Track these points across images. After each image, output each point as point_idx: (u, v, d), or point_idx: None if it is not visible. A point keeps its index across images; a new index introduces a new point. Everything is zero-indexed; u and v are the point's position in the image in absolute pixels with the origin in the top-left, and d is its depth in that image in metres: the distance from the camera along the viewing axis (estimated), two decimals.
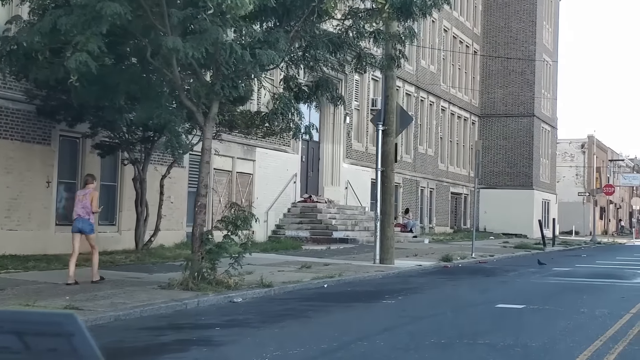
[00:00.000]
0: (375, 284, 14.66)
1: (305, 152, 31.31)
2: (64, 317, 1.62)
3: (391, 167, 19.70)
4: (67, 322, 1.61)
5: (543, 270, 19.54)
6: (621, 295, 13.15)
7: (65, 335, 1.60)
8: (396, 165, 39.38)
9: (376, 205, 19.80)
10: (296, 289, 13.25)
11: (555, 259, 26.21)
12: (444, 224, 44.74)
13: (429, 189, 42.76)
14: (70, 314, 1.64)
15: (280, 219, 28.14)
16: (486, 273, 17.94)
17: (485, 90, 50.14)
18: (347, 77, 33.14)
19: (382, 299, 11.79)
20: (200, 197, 12.44)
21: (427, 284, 14.90)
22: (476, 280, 15.95)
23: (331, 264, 18.29)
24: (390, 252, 19.43)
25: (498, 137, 50.02)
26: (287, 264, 17.93)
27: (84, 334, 1.60)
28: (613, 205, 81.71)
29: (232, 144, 24.90)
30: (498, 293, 13.13)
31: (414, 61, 40.34)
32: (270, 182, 27.24)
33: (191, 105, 12.27)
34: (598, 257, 28.31)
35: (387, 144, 19.62)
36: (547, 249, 32.87)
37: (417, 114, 40.74)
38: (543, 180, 52.32)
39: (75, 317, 1.62)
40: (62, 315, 1.65)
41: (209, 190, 24.34)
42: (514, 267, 20.99)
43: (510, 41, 49.88)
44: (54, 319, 1.67)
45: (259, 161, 26.62)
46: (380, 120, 19.69)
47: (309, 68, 13.89)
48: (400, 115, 19.95)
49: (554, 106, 55.68)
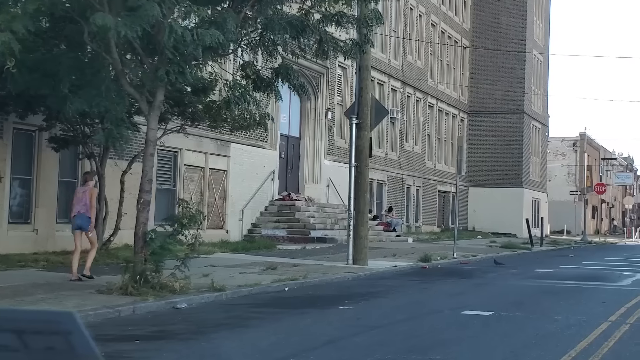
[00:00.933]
0: (340, 287, 13.67)
1: (284, 148, 30.30)
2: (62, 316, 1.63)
3: (365, 162, 18.71)
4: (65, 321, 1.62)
5: (524, 272, 18.57)
6: (602, 300, 12.18)
7: (63, 334, 1.60)
8: (382, 163, 38.65)
9: (349, 202, 18.81)
10: (252, 292, 12.25)
11: (540, 259, 25.26)
12: (431, 223, 43.76)
13: (416, 187, 41.78)
14: (69, 313, 1.64)
15: (257, 217, 27.13)
16: (463, 274, 16.96)
17: (475, 87, 49.19)
18: (329, 71, 32.15)
19: (341, 304, 10.80)
20: (144, 194, 11.42)
21: (396, 287, 13.91)
22: (450, 283, 14.96)
23: (300, 265, 17.30)
24: (364, 252, 18.44)
25: (487, 135, 49.09)
26: (254, 265, 16.93)
27: (82, 333, 1.60)
28: (606, 204, 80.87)
29: (204, 139, 23.87)
30: (469, 297, 12.15)
31: (400, 56, 39.36)
32: (246, 179, 26.23)
33: (134, 92, 11.26)
34: (586, 257, 27.37)
35: (361, 138, 18.63)
36: (534, 249, 31.92)
37: (403, 110, 39.77)
38: (533, 179, 51.40)
39: (73, 316, 1.62)
40: (60, 313, 1.66)
41: (179, 187, 23.37)
42: (495, 268, 20.02)
43: (500, 37, 48.93)
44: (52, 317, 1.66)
45: (234, 157, 25.59)
46: (354, 113, 18.70)
47: (267, 54, 12.83)
48: (375, 108, 18.96)
49: (544, 103, 54.77)
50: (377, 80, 36.70)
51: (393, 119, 38.47)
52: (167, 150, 22.53)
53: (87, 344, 1.60)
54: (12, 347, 1.61)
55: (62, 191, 19.29)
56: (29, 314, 1.73)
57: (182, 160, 23.16)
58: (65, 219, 19.47)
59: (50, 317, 1.67)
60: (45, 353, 1.60)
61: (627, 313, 10.40)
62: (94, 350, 1.60)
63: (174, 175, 22.98)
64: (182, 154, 23.13)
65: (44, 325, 1.63)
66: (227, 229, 25.27)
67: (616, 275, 17.25)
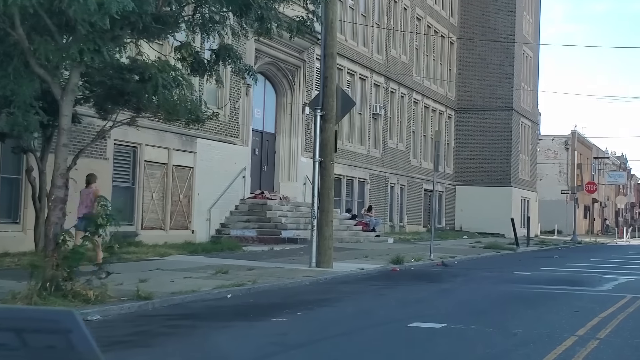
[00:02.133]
0: (290, 293, 12.39)
1: (258, 145, 29.00)
2: (62, 315, 1.63)
3: (330, 157, 17.43)
4: (65, 320, 1.61)
5: (500, 275, 17.31)
6: (576, 308, 10.90)
7: (63, 333, 1.59)
8: (363, 160, 37.33)
9: (312, 200, 17.52)
10: (185, 301, 10.96)
11: (522, 261, 24.00)
12: (416, 223, 42.48)
13: (400, 186, 40.50)
14: (69, 311, 1.63)
15: (227, 217, 25.82)
16: (432, 278, 15.70)
17: (462, 83, 47.93)
18: (307, 64, 30.86)
19: (277, 315, 9.51)
20: (56, 189, 10.08)
21: (352, 293, 12.63)
22: (414, 288, 13.69)
23: (258, 269, 16.03)
24: (328, 254, 17.15)
25: (475, 132, 47.84)
26: (206, 268, 15.65)
27: (82, 331, 1.60)
28: (598, 203, 79.68)
29: (167, 133, 22.58)
30: (426, 306, 10.87)
31: (383, 50, 38.07)
32: (215, 177, 24.92)
33: (44, 73, 9.95)
34: (571, 258, 26.12)
35: (326, 131, 17.34)
36: (519, 249, 30.69)
37: (386, 106, 38.49)
38: (522, 178, 50.15)
39: (73, 315, 1.62)
40: (60, 312, 1.65)
41: (138, 185, 22.03)
42: (470, 270, 18.76)
43: (488, 32, 47.69)
44: (52, 316, 1.66)
45: (201, 153, 24.28)
46: (319, 104, 17.42)
47: (205, 33, 11.50)
48: (342, 99, 17.66)
49: (534, 100, 53.52)
50: (359, 74, 35.44)
51: (376, 115, 37.21)
52: (126, 145, 21.24)
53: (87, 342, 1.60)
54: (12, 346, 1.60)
55: (4, 188, 17.99)
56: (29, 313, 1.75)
57: (142, 156, 21.84)
58: (8, 219, 18.21)
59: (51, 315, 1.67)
60: (46, 351, 1.60)
61: (600, 325, 9.14)
62: (94, 348, 1.59)
63: (133, 172, 21.66)
64: (142, 150, 21.81)
65: (44, 324, 1.62)
66: (192, 229, 23.97)
67: (597, 279, 15.97)
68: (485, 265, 21.21)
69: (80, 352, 1.60)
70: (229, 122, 26.03)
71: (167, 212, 22.77)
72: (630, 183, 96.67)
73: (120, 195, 21.07)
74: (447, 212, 47.22)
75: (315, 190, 17.44)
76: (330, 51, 17.28)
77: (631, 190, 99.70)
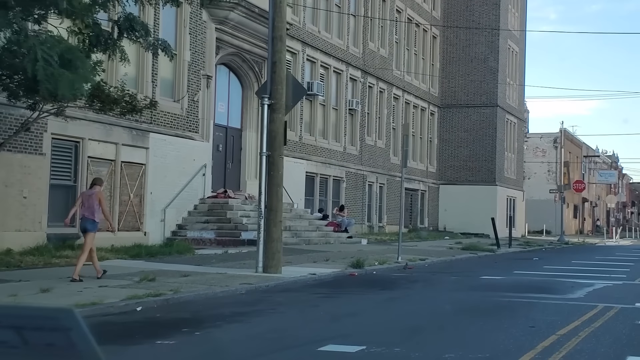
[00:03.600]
0: (211, 305, 10.80)
1: (222, 141, 27.38)
2: (62, 312, 1.62)
3: (279, 151, 15.85)
4: (65, 317, 1.61)
5: (467, 280, 15.76)
6: (533, 322, 9.32)
7: (63, 330, 1.59)
8: (339, 158, 35.69)
9: (259, 198, 15.94)
10: (82, 315, 9.30)
11: (498, 264, 22.47)
12: (396, 223, 40.75)
13: (379, 184, 38.91)
14: (69, 309, 1.63)
15: (184, 217, 24.20)
16: (387, 285, 14.12)
17: (446, 79, 46.40)
18: None
19: (170, 335, 7.94)
20: None
21: (283, 304, 11.05)
22: (358, 297, 12.11)
23: (194, 275, 14.48)
24: (277, 258, 15.56)
25: (459, 129, 46.33)
26: (136, 274, 14.08)
27: (82, 329, 1.59)
28: (589, 203, 78.22)
29: (115, 127, 20.97)
30: (357, 321, 9.28)
31: (360, 43, 36.49)
32: (171, 174, 23.30)
33: None
34: (551, 260, 24.59)
35: (274, 121, 15.77)
36: (500, 251, 29.18)
37: (364, 102, 36.92)
38: (508, 176, 48.63)
39: (73, 312, 1.61)
40: (60, 310, 1.64)
41: (81, 183, 20.40)
42: (435, 274, 17.20)
43: (472, 25, 46.15)
44: (51, 314, 1.65)
45: (155, 149, 22.66)
46: (267, 92, 15.83)
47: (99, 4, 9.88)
48: (292, 87, 16.07)
49: (521, 97, 52.01)
50: (334, 67, 33.87)
51: (352, 110, 35.65)
52: (66, 139, 19.60)
53: (87, 340, 1.59)
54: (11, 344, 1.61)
55: None
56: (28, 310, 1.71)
57: (86, 151, 20.20)
58: None
59: (50, 313, 1.65)
60: (45, 349, 1.60)
61: (554, 346, 7.57)
62: (94, 347, 1.58)
63: (75, 169, 20.01)
64: (86, 145, 20.17)
65: (43, 321, 1.61)
66: (145, 231, 22.34)
67: (569, 285, 14.38)
68: (456, 269, 19.67)
69: (80, 351, 1.57)
70: (187, 116, 24.42)
71: (115, 213, 21.13)
72: (621, 182, 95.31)
73: (60, 195, 19.48)
74: (430, 211, 45.67)
75: (263, 188, 15.87)
76: (278, 34, 15.68)
77: (623, 189, 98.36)
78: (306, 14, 31.60)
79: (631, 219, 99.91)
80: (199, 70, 24.87)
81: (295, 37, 30.65)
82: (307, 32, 31.62)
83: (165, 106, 23.23)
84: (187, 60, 24.29)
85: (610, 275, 17.84)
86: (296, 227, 26.60)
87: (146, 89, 22.41)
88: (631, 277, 17.72)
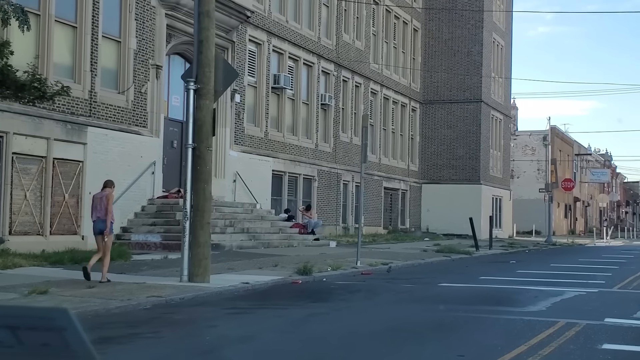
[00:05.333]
0: (89, 325, 8.85)
1: (177, 136, 25.44)
2: (57, 312, 1.61)
3: (207, 142, 13.94)
4: (59, 317, 1.58)
5: (422, 288, 13.86)
6: (464, 349, 7.41)
7: (58, 330, 1.57)
8: (310, 155, 33.71)
9: (185, 197, 14.02)
10: None
11: (469, 268, 20.60)
12: (375, 224, 38.99)
13: (355, 184, 36.93)
14: (63, 309, 1.61)
15: (130, 219, 22.26)
16: (323, 296, 12.22)
17: (428, 73, 44.53)
18: (236, 45, 27.34)
19: None
20: None
21: (176, 324, 9.17)
22: (276, 313, 10.19)
23: (105, 285, 12.62)
24: (204, 265, 13.64)
25: (442, 126, 44.45)
26: (38, 284, 12.15)
27: (76, 329, 1.58)
28: (581, 202, 76.36)
29: (46, 120, 19.04)
30: (246, 350, 7.35)
31: (333, 34, 34.59)
32: (113, 172, 21.24)
33: None
34: (528, 264, 22.72)
35: (201, 109, 13.85)
36: (477, 253, 27.28)
37: (338, 96, 35.01)
38: (494, 175, 46.76)
39: (67, 312, 1.59)
40: (54, 310, 1.62)
41: (5, 182, 18.48)
42: (390, 281, 15.31)
43: (455, 18, 44.31)
44: (46, 313, 1.62)
45: (94, 145, 20.73)
46: (192, 76, 13.91)
47: None
48: (223, 70, 14.15)
49: (507, 92, 50.14)
50: (304, 60, 31.94)
51: (325, 105, 33.74)
52: None
53: (82, 340, 1.58)
54: (6, 343, 1.61)
55: None
56: (22, 310, 1.68)
57: (10, 147, 18.25)
58: None
59: (44, 313, 1.63)
60: (40, 349, 1.60)
61: None
62: (88, 346, 1.58)
63: None
64: (10, 140, 18.22)
65: (38, 321, 1.60)
66: (83, 234, 20.39)
67: (533, 295, 12.44)
68: (418, 274, 17.78)
69: (74, 350, 1.54)
70: (134, 109, 22.48)
71: (47, 215, 19.21)
72: (615, 181, 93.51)
73: None
74: (412, 212, 43.77)
75: (188, 185, 13.96)
76: (205, 8, 13.77)
77: (617, 188, 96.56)
78: (272, 1, 29.69)
79: (625, 219, 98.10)
80: (147, 59, 22.93)
81: (260, 26, 28.76)
82: (274, 21, 29.70)
83: (107, 98, 21.33)
84: (132, 48, 22.35)
85: (588, 282, 15.95)
86: (255, 229, 24.68)
87: (84, 79, 20.50)
88: (610, 283, 15.83)
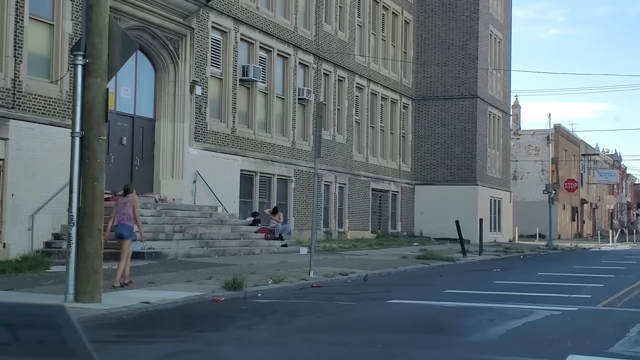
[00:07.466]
0: None
1: (126, 132, 23.05)
2: (54, 310, 1.62)
3: (97, 130, 11.41)
4: (56, 315, 1.60)
5: (358, 309, 11.32)
6: None
7: (55, 328, 1.58)
8: (286, 154, 31.16)
9: (70, 198, 11.54)
10: None
11: (444, 277, 18.06)
12: (362, 228, 36.43)
13: (338, 185, 34.44)
14: (60, 307, 1.63)
15: (64, 225, 19.78)
16: (222, 322, 9.72)
17: (420, 68, 41.99)
18: (196, 33, 24.88)
19: None
20: None
21: None
22: (135, 349, 7.75)
23: None
24: (93, 280, 11.15)
25: (436, 124, 41.87)
26: None
27: (73, 327, 1.59)
28: (588, 204, 73.43)
29: None
30: None
31: (312, 24, 32.11)
32: (42, 172, 18.96)
33: None
34: (515, 273, 20.15)
35: (90, 89, 11.34)
36: (463, 260, 24.75)
37: (318, 91, 32.51)
38: (492, 175, 44.11)
39: (64, 310, 1.61)
40: (51, 307, 1.64)
41: None
42: (335, 297, 12.83)
43: (449, 9, 41.77)
44: (43, 311, 1.64)
45: (18, 140, 18.35)
46: (81, 49, 11.43)
47: None
48: (121, 41, 11.66)
49: (506, 88, 47.49)
50: (277, 50, 29.46)
51: (303, 100, 31.27)
52: None
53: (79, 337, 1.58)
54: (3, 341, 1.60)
55: None
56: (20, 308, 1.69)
57: None
58: None
59: (42, 310, 1.63)
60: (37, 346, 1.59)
61: None
62: (85, 343, 1.58)
63: None
64: None
65: (35, 319, 1.61)
66: (5, 242, 18.01)
67: (488, 319, 9.83)
68: (376, 287, 15.26)
69: (71, 347, 1.57)
70: (69, 101, 19.97)
71: None
72: (625, 183, 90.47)
73: None
74: (404, 215, 41.17)
75: (75, 183, 11.48)
76: None
77: (627, 190, 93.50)
78: None
79: (636, 222, 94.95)
80: None
81: (225, 12, 26.32)
82: (242, 7, 27.25)
83: (35, 87, 18.98)
84: (67, 32, 19.96)
85: (570, 296, 13.38)
86: (211, 235, 22.18)
87: (5, 65, 18.13)
88: (597, 298, 13.23)
